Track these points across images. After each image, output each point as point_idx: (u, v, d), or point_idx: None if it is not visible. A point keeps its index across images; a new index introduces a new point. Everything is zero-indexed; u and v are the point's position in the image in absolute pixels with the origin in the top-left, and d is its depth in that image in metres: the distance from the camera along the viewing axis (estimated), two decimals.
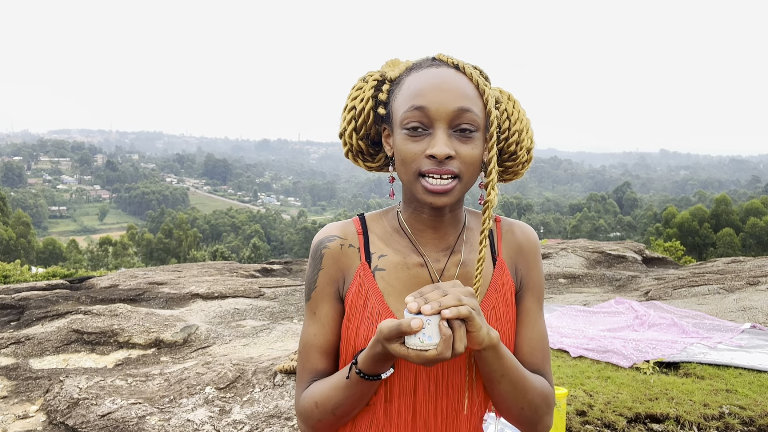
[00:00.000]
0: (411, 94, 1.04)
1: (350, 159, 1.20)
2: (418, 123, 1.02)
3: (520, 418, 1.11)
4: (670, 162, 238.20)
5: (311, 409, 1.09)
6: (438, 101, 1.01)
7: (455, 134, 1.02)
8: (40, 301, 6.65)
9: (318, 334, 1.13)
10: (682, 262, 20.14)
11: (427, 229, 1.13)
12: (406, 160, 1.03)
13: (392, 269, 1.12)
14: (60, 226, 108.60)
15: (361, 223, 1.18)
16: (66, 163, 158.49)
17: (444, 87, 1.02)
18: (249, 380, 4.04)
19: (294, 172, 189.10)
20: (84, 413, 3.62)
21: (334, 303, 1.14)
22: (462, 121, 1.02)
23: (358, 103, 1.13)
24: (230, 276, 9.20)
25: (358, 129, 1.14)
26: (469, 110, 1.02)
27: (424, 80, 1.04)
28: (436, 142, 1.00)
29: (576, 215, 77.55)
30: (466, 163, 1.02)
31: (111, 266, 44.58)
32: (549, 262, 10.54)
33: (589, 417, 3.56)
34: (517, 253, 1.19)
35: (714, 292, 7.73)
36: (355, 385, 1.03)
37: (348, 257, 1.14)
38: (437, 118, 1.01)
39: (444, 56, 1.09)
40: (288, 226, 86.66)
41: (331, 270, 1.13)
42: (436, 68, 1.06)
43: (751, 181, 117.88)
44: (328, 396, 1.07)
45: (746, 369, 4.49)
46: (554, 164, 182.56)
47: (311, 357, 1.14)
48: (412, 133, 1.02)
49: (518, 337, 1.16)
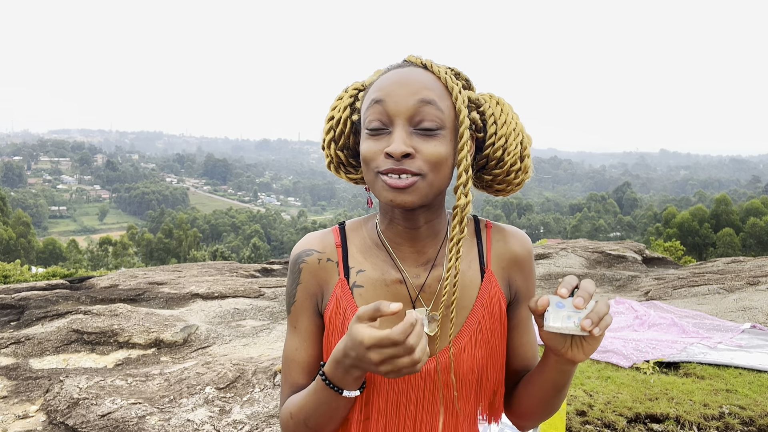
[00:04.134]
0: (372, 91, 1.01)
1: (332, 170, 1.15)
2: (378, 120, 0.98)
3: (544, 417, 1.14)
4: (670, 162, 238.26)
5: (287, 420, 1.07)
6: (396, 94, 0.97)
7: (417, 132, 0.97)
8: (40, 301, 6.65)
9: (299, 349, 1.11)
10: (682, 262, 20.15)
11: (404, 242, 1.08)
12: (366, 159, 0.99)
13: (370, 286, 1.08)
14: (60, 226, 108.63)
15: (341, 233, 1.13)
16: (66, 163, 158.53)
17: (403, 82, 0.98)
18: (249, 380, 4.05)
19: (294, 172, 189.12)
20: (84, 413, 3.62)
21: (314, 318, 1.11)
22: (423, 117, 0.96)
23: (336, 112, 1.10)
24: (230, 276, 9.20)
25: (336, 139, 1.11)
26: (431, 102, 0.96)
27: (387, 77, 1.01)
28: (393, 139, 0.96)
29: (576, 215, 77.54)
30: (429, 162, 0.96)
31: (111, 266, 44.61)
32: (549, 262, 10.54)
33: (589, 417, 3.56)
34: (512, 264, 1.14)
35: (714, 292, 7.73)
36: (321, 391, 0.98)
37: (326, 272, 1.10)
38: (396, 113, 0.97)
39: (414, 57, 1.05)
40: (288, 226, 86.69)
41: (309, 285, 1.10)
42: (402, 68, 1.03)
43: (751, 181, 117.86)
44: (300, 405, 1.04)
45: (746, 369, 4.50)
46: (554, 164, 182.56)
47: (292, 371, 1.11)
48: (372, 132, 0.99)
49: (519, 343, 1.16)
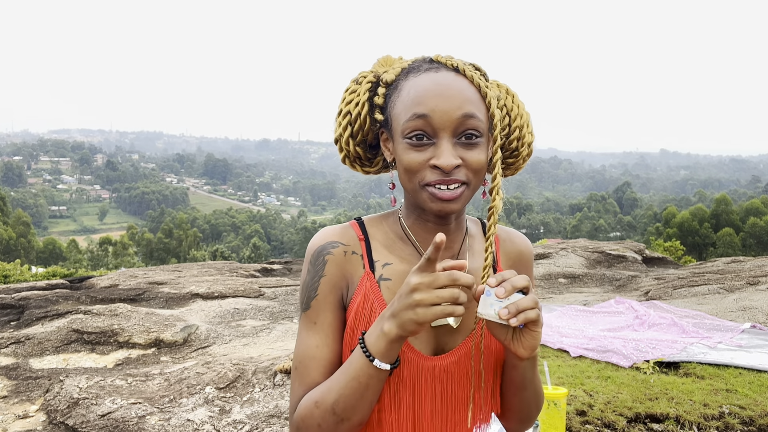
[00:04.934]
0: (412, 101, 1.00)
1: (347, 164, 1.17)
2: (422, 132, 0.99)
3: (527, 418, 1.16)
4: (670, 162, 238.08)
5: (310, 411, 1.01)
6: (441, 109, 0.97)
7: (460, 142, 0.99)
8: (40, 301, 6.65)
9: (321, 345, 1.05)
10: (682, 262, 20.15)
11: (432, 236, 1.09)
12: (410, 170, 1.00)
13: (398, 279, 1.08)
14: (60, 226, 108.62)
15: (361, 228, 1.13)
16: (66, 163, 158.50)
17: (446, 94, 0.98)
18: (249, 380, 4.04)
19: (294, 172, 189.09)
20: (84, 413, 3.62)
21: (338, 312, 1.08)
22: (467, 127, 0.99)
23: (353, 108, 1.09)
24: (230, 276, 9.20)
25: (354, 135, 1.11)
26: (474, 116, 0.99)
27: (425, 86, 1.00)
28: (442, 152, 0.97)
29: (576, 215, 77.54)
30: (473, 170, 0.99)
31: (111, 266, 44.57)
32: (549, 262, 10.54)
33: (589, 417, 3.56)
34: (517, 262, 1.20)
35: (714, 292, 7.73)
36: (356, 361, 0.96)
37: (352, 264, 1.08)
38: (441, 127, 0.98)
39: (442, 57, 1.05)
40: (288, 225, 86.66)
41: (334, 277, 1.07)
42: (435, 72, 1.02)
43: (751, 181, 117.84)
44: (328, 388, 1.00)
45: (746, 369, 4.49)
46: (554, 164, 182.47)
47: (311, 371, 1.05)
48: (415, 142, 0.99)
49: None
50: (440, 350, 1.09)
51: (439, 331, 1.09)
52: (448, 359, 1.07)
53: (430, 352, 1.08)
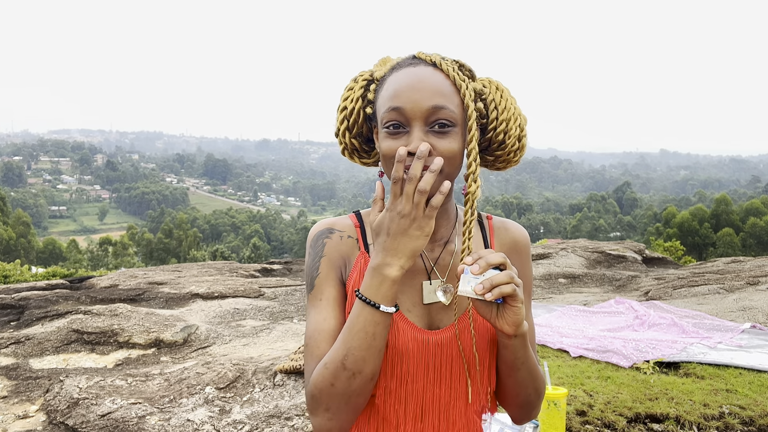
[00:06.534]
0: (389, 95, 1.08)
1: (346, 156, 1.25)
2: (397, 122, 1.07)
3: (526, 403, 1.17)
4: (670, 162, 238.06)
5: (321, 374, 1.04)
6: (412, 100, 1.05)
7: (432, 130, 1.06)
8: (40, 301, 6.65)
9: (328, 318, 1.12)
10: (682, 262, 20.15)
11: None
12: (387, 156, 1.08)
13: None
14: (60, 226, 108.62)
15: (357, 217, 1.23)
16: (66, 163, 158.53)
17: (418, 86, 1.06)
18: (249, 380, 4.05)
19: (294, 172, 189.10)
20: (84, 413, 3.62)
21: (339, 286, 1.15)
22: (438, 117, 1.05)
23: (349, 103, 1.18)
24: (230, 276, 9.20)
25: (350, 128, 1.20)
26: (443, 107, 1.06)
27: (401, 81, 1.08)
28: (413, 140, 1.04)
29: (576, 215, 77.56)
30: (444, 157, 1.05)
31: (111, 266, 44.57)
32: (549, 262, 10.55)
33: (589, 417, 3.56)
34: (511, 249, 1.24)
35: (714, 292, 7.73)
36: (359, 312, 1.02)
37: (348, 246, 1.18)
38: (413, 117, 1.05)
39: (423, 54, 1.12)
40: (288, 226, 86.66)
41: (333, 257, 1.16)
42: (414, 67, 1.10)
43: (751, 181, 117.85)
44: (336, 348, 1.04)
45: (746, 369, 4.49)
46: (554, 164, 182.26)
47: (321, 342, 1.10)
48: (391, 131, 1.07)
49: None
50: (435, 328, 1.15)
51: (431, 309, 1.15)
52: (441, 335, 1.13)
53: (424, 327, 1.14)
